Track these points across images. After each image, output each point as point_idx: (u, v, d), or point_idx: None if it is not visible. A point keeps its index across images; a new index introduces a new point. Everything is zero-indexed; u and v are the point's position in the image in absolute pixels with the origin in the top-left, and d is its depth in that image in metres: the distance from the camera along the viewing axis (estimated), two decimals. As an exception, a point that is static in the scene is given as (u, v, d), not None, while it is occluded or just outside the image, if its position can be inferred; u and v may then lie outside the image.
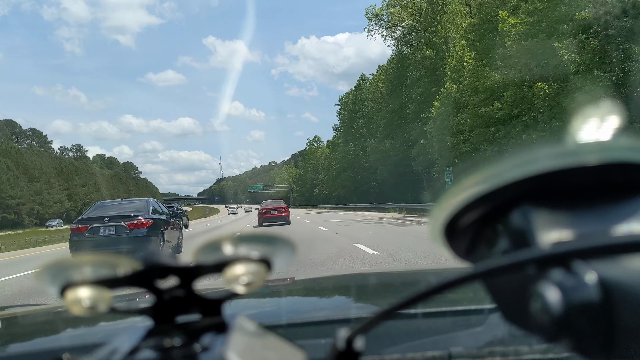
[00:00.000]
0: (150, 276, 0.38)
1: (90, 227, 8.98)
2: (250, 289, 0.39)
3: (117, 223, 8.97)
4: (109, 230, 8.96)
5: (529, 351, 0.64)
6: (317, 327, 0.83)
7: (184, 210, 30.00)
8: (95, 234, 8.93)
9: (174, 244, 10.35)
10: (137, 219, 9.02)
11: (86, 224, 9.07)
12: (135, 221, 8.98)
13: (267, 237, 0.41)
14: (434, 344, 0.71)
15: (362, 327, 0.37)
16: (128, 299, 1.19)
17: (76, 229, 9.12)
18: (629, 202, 0.33)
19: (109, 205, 9.99)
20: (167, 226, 9.88)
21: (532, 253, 0.30)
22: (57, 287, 0.38)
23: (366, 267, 6.90)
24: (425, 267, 4.37)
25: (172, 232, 10.25)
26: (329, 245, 10.43)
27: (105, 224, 8.98)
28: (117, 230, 8.94)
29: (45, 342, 0.90)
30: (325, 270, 6.58)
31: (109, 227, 8.97)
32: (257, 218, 22.95)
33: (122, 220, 9.01)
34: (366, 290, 1.38)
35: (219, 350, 0.35)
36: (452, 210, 0.37)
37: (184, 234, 12.56)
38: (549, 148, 0.33)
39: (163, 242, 9.42)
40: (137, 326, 0.41)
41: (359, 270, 3.83)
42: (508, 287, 0.36)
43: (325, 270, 6.23)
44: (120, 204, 10.00)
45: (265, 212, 22.19)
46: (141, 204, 9.77)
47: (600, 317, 0.28)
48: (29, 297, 6.39)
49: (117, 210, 9.41)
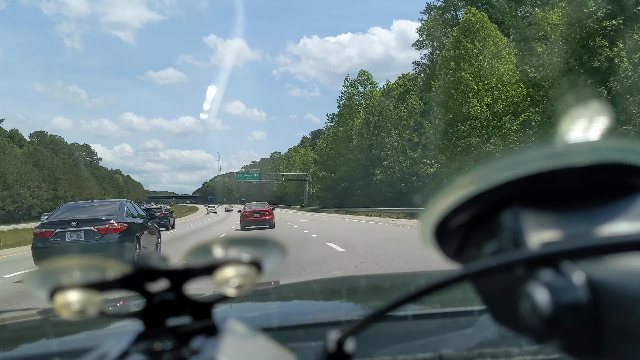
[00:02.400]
0: (140, 279, 0.38)
1: (55, 232, 8.18)
2: (241, 291, 0.39)
3: (86, 227, 8.20)
4: (76, 236, 8.18)
5: (518, 352, 0.65)
6: (307, 330, 0.83)
7: (170, 212, 29.38)
8: (62, 240, 8.14)
9: (151, 250, 9.51)
10: (110, 222, 8.27)
11: (51, 228, 8.24)
12: (106, 225, 8.22)
13: (257, 240, 0.41)
14: (424, 345, 0.72)
15: (353, 330, 0.37)
16: (118, 302, 1.18)
17: (40, 233, 8.28)
18: (617, 203, 0.34)
19: (78, 207, 9.18)
20: (143, 230, 9.17)
21: (521, 254, 0.31)
22: (46, 291, 0.37)
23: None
24: (416, 269, 4.40)
25: (149, 236, 9.55)
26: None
27: (73, 229, 8.20)
28: (87, 235, 8.16)
29: (34, 347, 0.89)
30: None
31: (77, 232, 8.19)
32: (240, 221, 21.93)
33: (92, 224, 8.23)
34: (356, 293, 1.38)
35: (209, 353, 0.35)
36: (443, 212, 0.37)
37: (170, 236, 11.76)
38: (538, 149, 0.34)
39: (139, 249, 8.69)
40: (127, 330, 0.40)
41: (349, 273, 3.84)
42: (497, 288, 0.36)
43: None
44: (92, 205, 9.15)
45: (248, 215, 21.15)
46: (114, 207, 8.95)
47: (589, 317, 0.28)
48: (16, 302, 6.17)
49: (88, 213, 8.62)
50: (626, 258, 0.30)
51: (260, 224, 20.88)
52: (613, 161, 0.33)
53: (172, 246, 12.49)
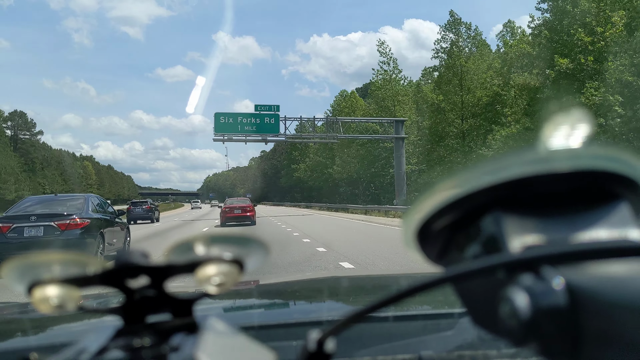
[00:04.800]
0: (120, 275, 0.38)
1: (13, 227, 7.83)
2: (222, 289, 0.39)
3: (45, 222, 7.89)
4: (35, 231, 7.85)
5: (497, 355, 0.66)
6: (288, 329, 0.83)
7: (156, 205, 32.52)
8: (19, 235, 7.80)
9: (118, 246, 9.35)
10: (71, 218, 7.96)
11: (8, 222, 7.91)
12: (67, 221, 7.92)
13: (240, 238, 0.41)
14: (404, 347, 0.72)
15: (334, 330, 0.37)
16: (97, 298, 1.17)
17: None
18: (597, 209, 0.34)
19: (41, 201, 8.84)
20: (108, 227, 8.87)
21: (502, 258, 0.31)
22: (25, 285, 0.37)
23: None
24: (397, 271, 4.43)
25: (115, 233, 9.28)
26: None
27: (32, 224, 7.88)
28: (46, 230, 7.85)
29: (11, 341, 0.88)
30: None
31: (35, 228, 7.86)
32: (220, 217, 21.41)
33: (53, 219, 7.93)
34: (338, 293, 1.39)
35: (189, 350, 0.35)
36: (425, 215, 0.37)
37: (154, 228, 11.38)
38: (520, 155, 0.34)
39: (102, 245, 8.42)
40: (106, 326, 0.40)
41: (331, 274, 3.84)
42: (478, 292, 0.36)
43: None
44: (54, 200, 8.88)
45: (228, 211, 20.72)
46: (79, 202, 8.60)
47: (567, 321, 0.29)
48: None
49: (49, 207, 8.30)
50: (605, 264, 0.30)
51: (241, 220, 20.54)
52: (594, 168, 0.33)
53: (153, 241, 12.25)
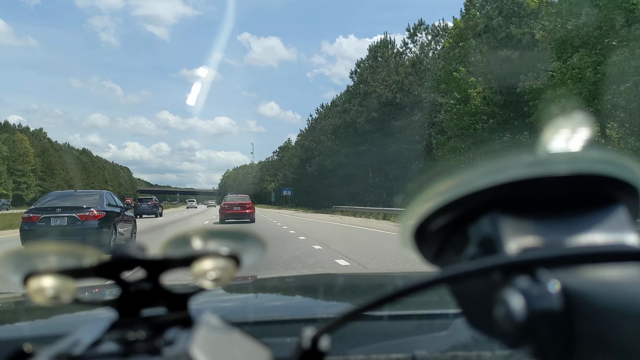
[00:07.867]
0: (116, 268, 0.38)
1: (41, 217, 9.17)
2: (218, 284, 0.39)
3: (69, 214, 9.18)
4: (60, 221, 9.15)
5: (491, 357, 0.65)
6: (283, 326, 0.82)
7: (159, 203, 36.61)
8: (47, 224, 9.11)
9: (126, 237, 10.63)
10: (90, 210, 9.26)
11: (38, 213, 9.26)
12: (87, 213, 9.22)
13: (237, 233, 0.40)
14: (398, 346, 0.72)
15: (328, 327, 0.37)
16: (93, 290, 1.17)
17: (28, 218, 9.32)
18: (595, 213, 0.34)
19: (63, 196, 10.28)
20: (120, 219, 10.18)
21: (498, 259, 0.31)
22: (20, 276, 0.37)
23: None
24: (393, 270, 4.42)
25: (125, 224, 10.60)
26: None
27: (57, 215, 9.18)
28: (69, 221, 9.14)
29: (5, 331, 0.87)
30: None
31: (60, 218, 9.17)
32: (219, 214, 21.57)
33: (75, 211, 9.23)
34: (333, 291, 1.38)
35: (183, 344, 0.35)
36: (423, 215, 0.37)
37: (158, 222, 12.06)
38: (519, 156, 0.34)
39: (115, 235, 9.68)
40: (100, 318, 0.40)
41: (327, 271, 3.84)
42: (474, 293, 0.36)
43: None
44: (75, 195, 10.25)
45: (227, 208, 20.81)
46: (95, 197, 10.04)
47: (561, 325, 0.29)
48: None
49: (71, 201, 9.65)
50: (601, 268, 0.30)
51: (240, 218, 20.50)
52: (592, 172, 0.33)
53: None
